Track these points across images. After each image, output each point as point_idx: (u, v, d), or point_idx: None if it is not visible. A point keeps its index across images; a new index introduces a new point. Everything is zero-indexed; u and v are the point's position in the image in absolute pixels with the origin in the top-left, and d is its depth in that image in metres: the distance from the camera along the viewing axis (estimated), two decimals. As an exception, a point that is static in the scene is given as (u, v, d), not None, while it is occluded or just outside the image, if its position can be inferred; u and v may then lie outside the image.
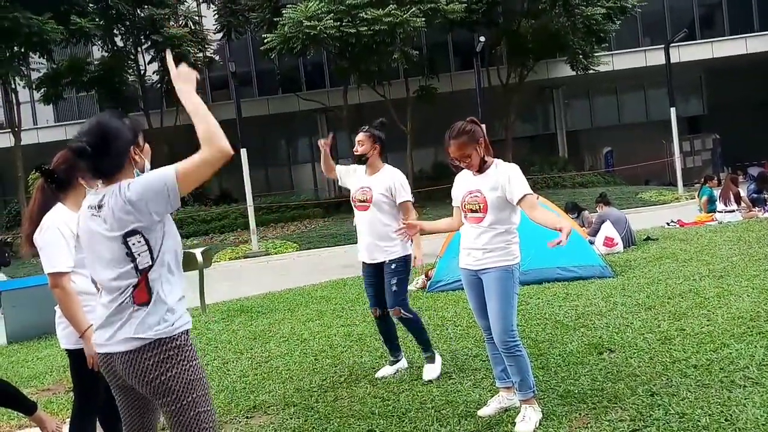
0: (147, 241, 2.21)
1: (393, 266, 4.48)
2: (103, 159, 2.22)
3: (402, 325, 4.65)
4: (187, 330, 2.31)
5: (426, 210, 18.00)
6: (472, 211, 3.58)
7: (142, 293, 2.23)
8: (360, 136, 4.62)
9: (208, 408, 2.30)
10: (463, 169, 3.68)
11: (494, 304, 3.51)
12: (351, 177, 4.74)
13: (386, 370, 4.70)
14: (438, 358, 4.61)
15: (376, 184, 4.52)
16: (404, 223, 4.03)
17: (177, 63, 2.34)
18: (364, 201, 4.55)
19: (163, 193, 2.15)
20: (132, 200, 2.15)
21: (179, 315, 2.29)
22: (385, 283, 4.53)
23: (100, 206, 2.24)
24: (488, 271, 3.53)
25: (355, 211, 4.65)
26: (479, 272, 3.58)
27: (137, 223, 2.18)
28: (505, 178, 3.50)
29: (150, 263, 2.22)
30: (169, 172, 2.15)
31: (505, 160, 3.69)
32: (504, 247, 3.53)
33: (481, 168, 3.59)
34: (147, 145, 2.43)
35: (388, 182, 4.51)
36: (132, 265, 2.22)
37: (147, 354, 2.22)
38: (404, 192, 4.51)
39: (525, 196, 3.47)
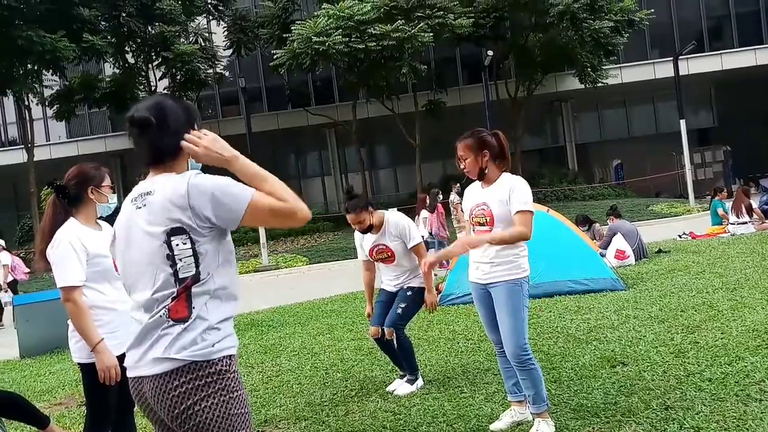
0: (193, 246, 1.88)
1: (409, 293, 4.61)
2: (162, 136, 1.95)
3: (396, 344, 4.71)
4: (231, 355, 1.94)
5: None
6: (480, 224, 3.57)
7: (181, 307, 1.89)
8: (353, 218, 4.54)
9: None
10: (473, 180, 3.68)
11: (505, 319, 3.50)
12: (363, 243, 4.77)
13: (397, 384, 4.70)
14: (418, 383, 4.61)
15: (388, 239, 4.59)
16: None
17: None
18: (386, 258, 4.63)
19: (226, 207, 1.86)
20: (192, 193, 1.86)
21: (223, 336, 1.93)
22: (394, 303, 4.63)
23: (147, 193, 1.93)
24: (497, 284, 3.51)
25: (382, 265, 4.73)
26: (488, 286, 3.57)
27: (187, 221, 1.87)
28: (509, 190, 3.48)
29: (193, 273, 1.89)
30: (245, 193, 1.87)
31: (514, 174, 3.68)
32: (512, 261, 3.51)
33: (481, 176, 3.58)
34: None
35: (396, 231, 4.57)
36: (171, 270, 1.89)
37: (180, 379, 1.86)
38: (413, 235, 4.59)
39: (519, 212, 3.42)
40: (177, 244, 1.88)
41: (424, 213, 11.86)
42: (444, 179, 25.86)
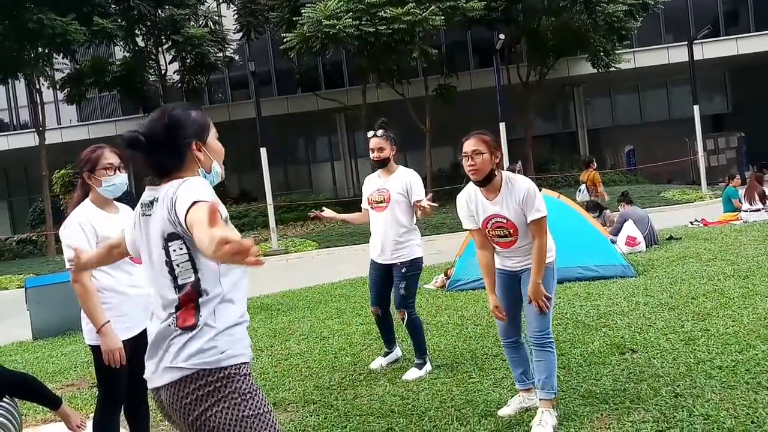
0: (189, 252, 1.87)
1: (404, 270, 4.56)
2: (157, 152, 1.95)
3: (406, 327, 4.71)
4: (244, 362, 1.93)
5: (445, 209, 17.94)
6: (500, 236, 3.47)
7: (188, 315, 1.88)
8: (378, 142, 4.58)
9: None
10: (469, 180, 3.51)
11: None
12: (366, 189, 4.77)
13: (379, 361, 4.83)
14: (427, 368, 4.60)
15: (393, 185, 4.58)
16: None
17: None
18: (381, 202, 4.61)
19: (178, 205, 1.82)
20: (174, 200, 1.85)
21: (233, 342, 1.91)
22: (393, 284, 4.62)
23: (152, 203, 1.95)
24: (528, 269, 3.45)
25: (371, 212, 4.69)
26: (520, 272, 3.53)
27: (178, 228, 1.85)
28: (522, 197, 3.35)
29: (192, 279, 1.88)
30: (193, 198, 1.80)
31: (525, 159, 3.63)
32: (549, 240, 3.48)
33: (486, 180, 3.38)
34: (218, 145, 2.10)
35: (404, 182, 4.57)
36: (171, 277, 1.89)
37: (189, 387, 1.86)
38: (419, 191, 4.57)
39: (535, 220, 3.33)
40: (174, 250, 1.88)
41: None
42: (454, 165, 25.82)
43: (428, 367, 4.63)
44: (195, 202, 1.77)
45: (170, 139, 1.96)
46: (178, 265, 1.88)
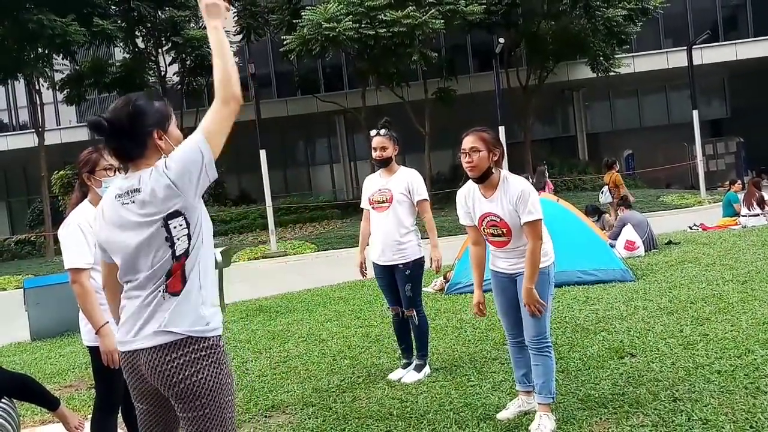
0: (188, 224, 2.04)
1: (407, 272, 4.52)
2: (121, 138, 2.08)
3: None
4: (221, 335, 2.15)
5: (444, 211, 17.95)
6: (494, 235, 3.47)
7: (177, 281, 2.05)
8: (381, 141, 4.55)
9: (233, 415, 2.13)
10: (468, 178, 3.50)
11: None
12: (367, 189, 4.74)
13: (399, 373, 4.69)
14: (426, 371, 4.58)
15: (395, 185, 4.55)
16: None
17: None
18: (383, 202, 4.56)
19: (199, 162, 2.01)
20: (173, 178, 2.00)
21: (213, 313, 2.12)
22: (399, 288, 4.58)
23: (134, 191, 2.06)
24: (524, 273, 3.42)
25: (372, 212, 4.65)
26: (515, 275, 3.51)
27: (181, 204, 2.02)
28: (516, 197, 3.33)
29: (187, 247, 2.05)
30: (198, 136, 2.02)
31: (523, 162, 3.62)
32: (545, 242, 3.45)
33: (483, 178, 3.39)
34: (178, 132, 2.23)
35: (406, 182, 4.55)
36: (170, 251, 2.04)
37: (177, 352, 2.02)
38: (422, 191, 4.56)
39: (530, 222, 3.30)
40: (174, 227, 2.03)
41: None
42: (453, 168, 25.83)
43: (427, 370, 4.63)
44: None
45: (133, 127, 2.09)
46: (178, 239, 2.04)
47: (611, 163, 13.59)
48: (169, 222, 2.02)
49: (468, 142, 3.39)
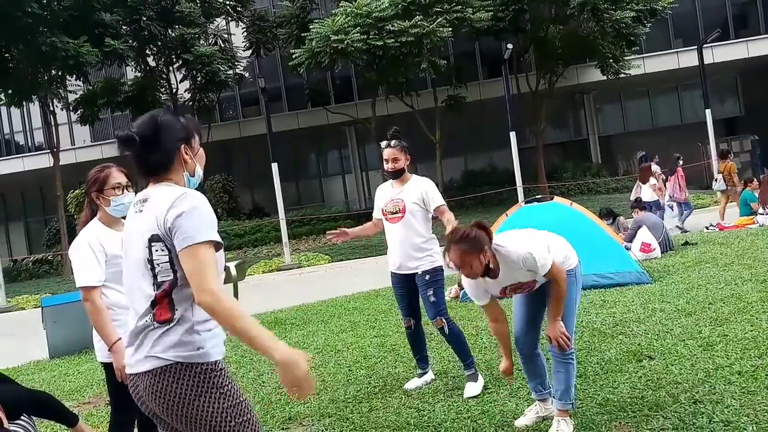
0: (170, 254, 2.00)
1: (427, 277, 4.44)
2: (150, 152, 2.09)
3: (444, 338, 4.61)
4: (217, 361, 2.05)
5: (458, 219, 17.88)
6: (517, 290, 3.49)
7: (164, 311, 2.01)
8: (392, 152, 4.49)
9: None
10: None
11: None
12: (379, 199, 4.71)
13: (414, 383, 4.65)
14: (481, 378, 4.42)
15: (408, 195, 4.51)
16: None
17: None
18: (396, 212, 4.51)
19: (180, 233, 1.98)
20: (170, 220, 1.98)
21: (209, 337, 2.04)
22: (421, 295, 4.50)
23: (145, 201, 2.09)
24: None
25: (386, 223, 4.61)
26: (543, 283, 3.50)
27: (162, 232, 2.01)
28: (522, 263, 3.26)
29: (171, 278, 2.01)
30: (197, 236, 1.97)
31: (536, 167, 3.61)
32: (562, 261, 3.45)
33: (488, 273, 3.27)
34: (201, 150, 2.25)
35: (420, 191, 4.49)
36: (151, 275, 2.02)
37: (169, 379, 1.98)
38: (438, 198, 4.51)
39: (550, 270, 3.31)
40: (156, 250, 2.01)
41: (652, 180, 12.57)
42: (465, 174, 25.79)
43: (481, 378, 4.42)
44: (196, 244, 1.94)
45: (162, 142, 2.10)
46: (158, 264, 2.01)
47: (726, 153, 13.84)
48: (152, 244, 2.02)
49: (453, 258, 3.22)
